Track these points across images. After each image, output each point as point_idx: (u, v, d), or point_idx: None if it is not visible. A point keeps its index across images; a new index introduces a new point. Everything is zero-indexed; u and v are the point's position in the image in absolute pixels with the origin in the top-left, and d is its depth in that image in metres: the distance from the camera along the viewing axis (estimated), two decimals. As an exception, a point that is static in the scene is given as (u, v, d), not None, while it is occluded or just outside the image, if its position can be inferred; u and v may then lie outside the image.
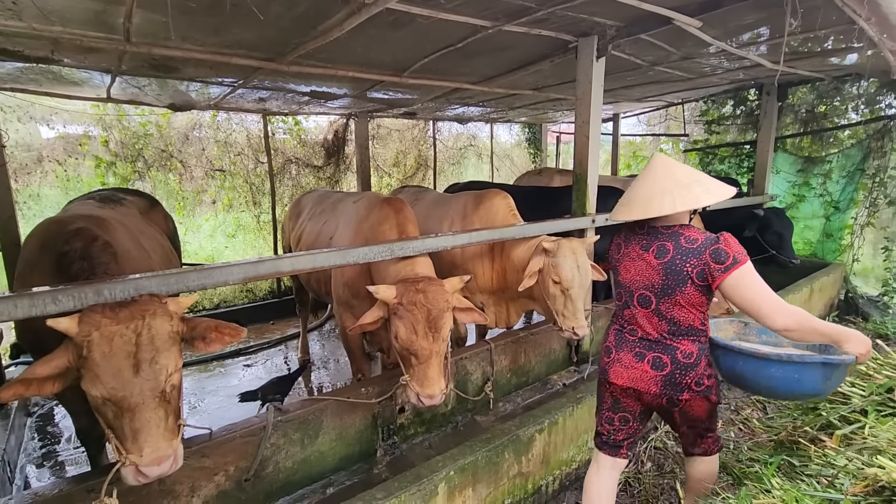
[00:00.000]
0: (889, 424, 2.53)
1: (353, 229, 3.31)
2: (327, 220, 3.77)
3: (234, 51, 3.40)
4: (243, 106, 5.78)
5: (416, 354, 2.41)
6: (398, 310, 2.43)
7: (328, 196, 4.30)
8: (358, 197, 3.74)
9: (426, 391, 2.39)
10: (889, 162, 5.62)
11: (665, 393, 2.11)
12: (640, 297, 2.15)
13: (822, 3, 2.82)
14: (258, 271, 2.32)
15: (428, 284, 2.49)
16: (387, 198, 3.36)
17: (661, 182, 2.07)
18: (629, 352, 2.18)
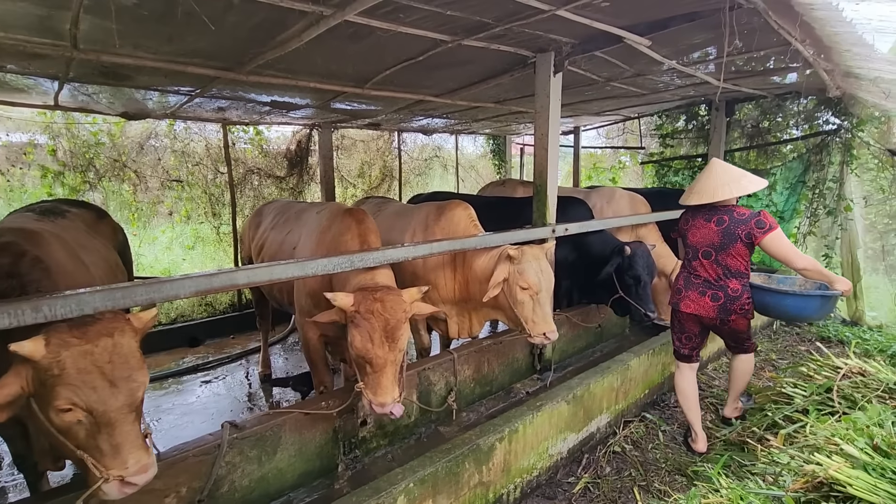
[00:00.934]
0: (828, 423, 2.68)
1: (315, 239, 3.30)
2: (291, 229, 3.74)
3: (189, 59, 3.33)
4: (202, 115, 5.65)
5: (371, 363, 2.41)
6: (355, 318, 2.43)
7: (291, 206, 4.24)
8: (321, 207, 3.71)
9: (378, 399, 2.40)
10: (827, 174, 6.00)
11: (719, 317, 3.16)
12: (704, 252, 3.20)
13: (759, 26, 3.00)
14: (212, 284, 2.25)
15: (386, 294, 2.49)
16: (349, 208, 3.36)
17: (720, 177, 3.18)
18: (695, 290, 3.24)
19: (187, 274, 2.23)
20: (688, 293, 3.26)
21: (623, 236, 5.09)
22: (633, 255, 4.09)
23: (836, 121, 5.94)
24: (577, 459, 3.24)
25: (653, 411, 3.89)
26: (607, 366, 3.53)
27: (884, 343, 4.95)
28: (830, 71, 4.14)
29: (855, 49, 3.39)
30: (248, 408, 4.35)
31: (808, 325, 5.82)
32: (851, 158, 5.84)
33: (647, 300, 4.17)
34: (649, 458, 3.25)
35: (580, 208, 4.68)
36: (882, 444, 2.24)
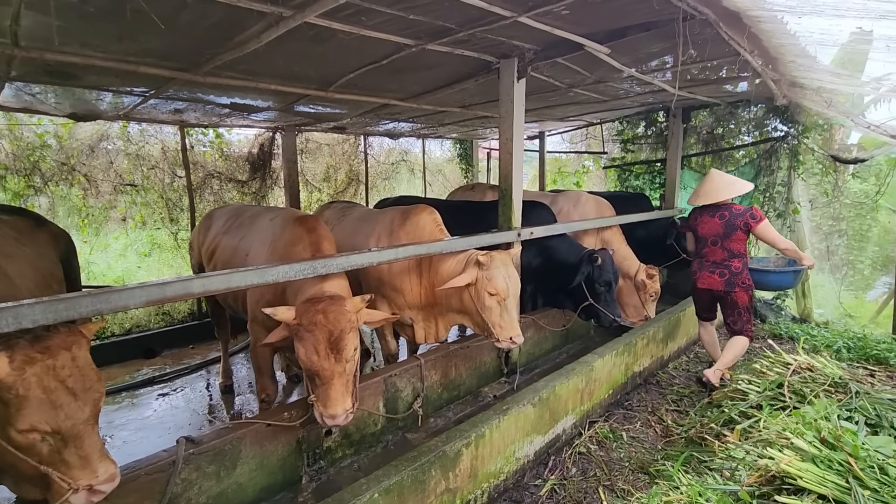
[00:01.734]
0: (779, 418, 2.79)
1: (268, 248, 3.19)
2: (244, 235, 3.60)
3: (141, 59, 3.20)
4: (157, 117, 5.43)
5: (319, 375, 2.37)
6: (298, 331, 2.38)
7: (245, 210, 4.05)
8: (274, 214, 3.57)
9: (329, 411, 2.37)
10: (776, 179, 6.30)
11: (725, 289, 4.01)
12: (713, 241, 4.06)
13: (712, 37, 3.11)
14: (165, 294, 2.16)
15: (329, 304, 2.43)
16: (301, 217, 3.25)
17: (718, 182, 4.09)
18: (706, 270, 4.11)
19: (138, 283, 2.13)
20: (702, 273, 4.15)
21: (588, 238, 5.20)
22: (604, 264, 4.20)
23: (784, 128, 6.25)
24: (543, 461, 3.27)
25: (617, 411, 3.97)
26: (572, 367, 3.57)
27: (830, 339, 5.22)
28: (777, 80, 4.35)
29: (799, 60, 3.57)
30: (208, 420, 4.19)
31: (761, 322, 6.08)
32: (798, 164, 6.15)
33: (614, 305, 4.33)
34: (614, 458, 3.30)
35: (542, 212, 4.74)
36: (829, 437, 2.35)
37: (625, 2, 2.68)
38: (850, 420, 2.72)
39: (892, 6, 2.00)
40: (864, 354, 4.92)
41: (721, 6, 2.59)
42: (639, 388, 4.39)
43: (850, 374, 3.55)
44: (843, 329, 5.71)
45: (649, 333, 4.47)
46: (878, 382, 4.03)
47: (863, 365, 4.74)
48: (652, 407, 4.02)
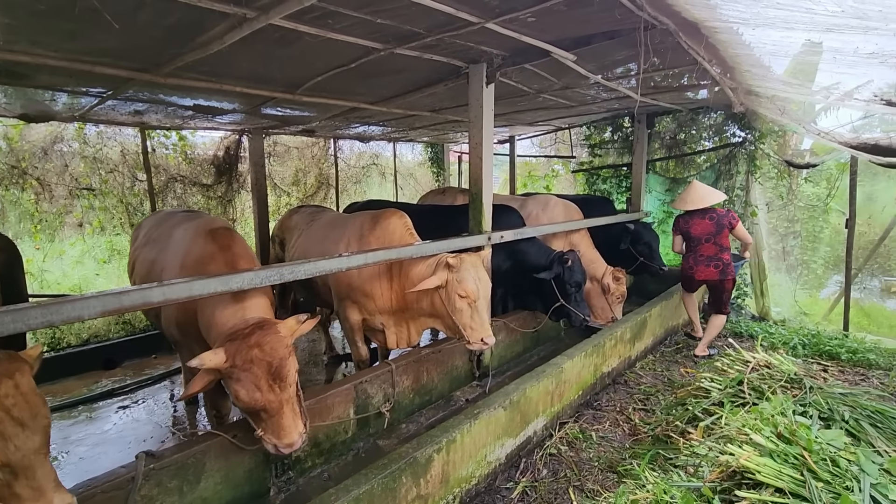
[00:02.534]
0: (739, 414, 2.89)
1: (178, 264, 2.83)
2: (162, 248, 3.22)
3: (97, 59, 3.08)
4: (116, 118, 5.23)
5: (266, 410, 2.22)
6: (233, 373, 2.16)
7: (168, 219, 3.64)
8: (189, 224, 3.19)
9: (285, 441, 2.25)
10: (735, 182, 6.55)
11: (720, 277, 4.85)
12: (706, 238, 4.86)
13: (672, 45, 3.21)
14: (122, 303, 2.07)
15: (261, 336, 2.22)
16: (213, 230, 2.89)
17: (702, 190, 4.93)
18: (702, 264, 4.91)
19: (93, 292, 2.03)
20: (698, 267, 4.93)
21: (557, 242, 5.27)
22: (573, 265, 4.29)
23: (742, 134, 6.51)
24: (515, 464, 3.29)
25: (587, 411, 4.03)
26: (542, 370, 3.61)
27: (786, 336, 5.44)
28: (734, 89, 4.53)
29: (754, 70, 3.73)
30: (171, 433, 4.04)
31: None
32: (755, 168, 6.41)
33: (583, 306, 4.46)
34: (583, 458, 3.35)
35: (512, 216, 4.79)
36: (785, 432, 2.44)
37: (589, 11, 2.74)
38: (804, 415, 2.84)
39: (837, 20, 2.11)
40: (818, 350, 5.15)
41: (680, 17, 2.68)
42: (607, 388, 4.47)
43: (805, 370, 3.70)
44: (798, 326, 5.97)
45: (617, 334, 4.56)
46: (830, 377, 4.23)
47: (816, 360, 4.97)
48: (620, 406, 4.10)
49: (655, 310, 5.27)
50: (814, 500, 2.06)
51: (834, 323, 6.41)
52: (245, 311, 2.46)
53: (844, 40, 2.55)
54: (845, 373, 4.71)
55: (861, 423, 2.77)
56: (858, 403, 2.97)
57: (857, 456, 2.27)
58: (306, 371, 5.09)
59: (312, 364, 5.26)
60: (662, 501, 2.30)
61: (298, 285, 4.47)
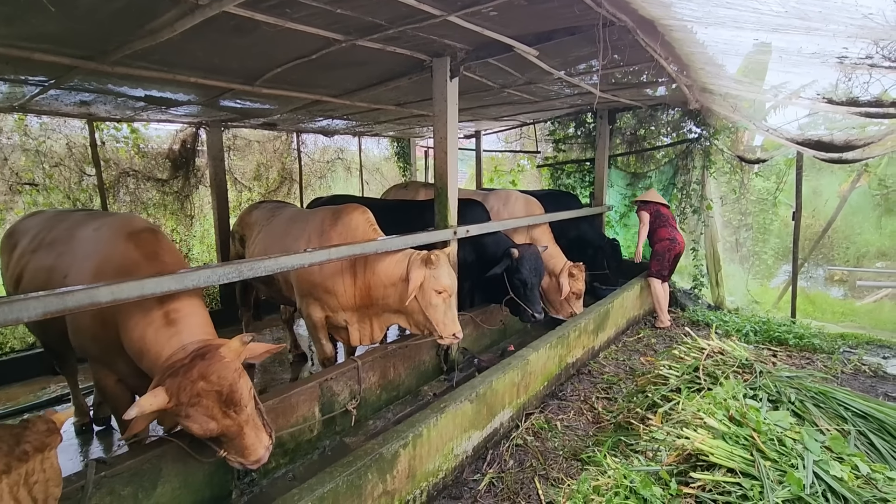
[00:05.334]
0: (695, 399, 3.00)
1: (90, 271, 2.51)
2: (62, 251, 2.79)
3: (36, 45, 2.89)
4: (60, 109, 4.94)
5: (226, 434, 2.11)
6: (180, 410, 2.00)
7: (62, 219, 3.16)
8: (101, 222, 2.80)
9: (251, 459, 2.17)
10: (692, 177, 6.78)
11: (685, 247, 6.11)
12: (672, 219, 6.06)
13: (631, 43, 3.28)
14: (66, 304, 1.96)
15: (205, 367, 2.03)
16: (134, 232, 2.59)
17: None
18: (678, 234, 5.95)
19: (35, 293, 1.92)
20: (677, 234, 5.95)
21: (518, 237, 5.33)
22: (521, 258, 4.27)
23: (697, 130, 6.74)
24: (482, 456, 3.32)
25: (552, 402, 4.11)
26: (508, 362, 3.65)
27: (739, 324, 5.69)
28: (690, 86, 4.68)
29: (707, 68, 3.86)
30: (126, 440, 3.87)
31: (681, 310, 6.53)
32: (710, 164, 6.66)
33: (534, 301, 4.37)
34: (549, 448, 3.42)
35: (476, 209, 4.81)
36: (736, 415, 2.56)
37: (549, 6, 2.76)
38: (755, 398, 2.98)
39: (781, 20, 2.21)
40: (768, 337, 5.42)
41: (637, 14, 2.74)
42: (572, 378, 4.57)
43: (756, 356, 3.89)
44: (750, 314, 6.26)
45: (581, 325, 4.66)
46: (779, 362, 4.46)
47: (767, 346, 5.23)
48: (584, 396, 4.20)
49: (617, 301, 5.42)
50: (762, 479, 2.17)
51: (783, 310, 6.76)
52: (181, 336, 2.24)
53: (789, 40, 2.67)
54: (793, 357, 4.98)
55: (805, 403, 2.93)
56: (803, 385, 3.14)
57: (802, 435, 2.40)
58: (271, 370, 4.98)
59: (278, 363, 5.15)
60: (622, 486, 2.37)
61: (260, 283, 4.36)
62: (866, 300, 8.82)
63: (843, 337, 5.59)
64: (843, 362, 4.84)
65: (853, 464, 2.31)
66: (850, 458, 2.35)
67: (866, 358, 4.96)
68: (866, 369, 4.69)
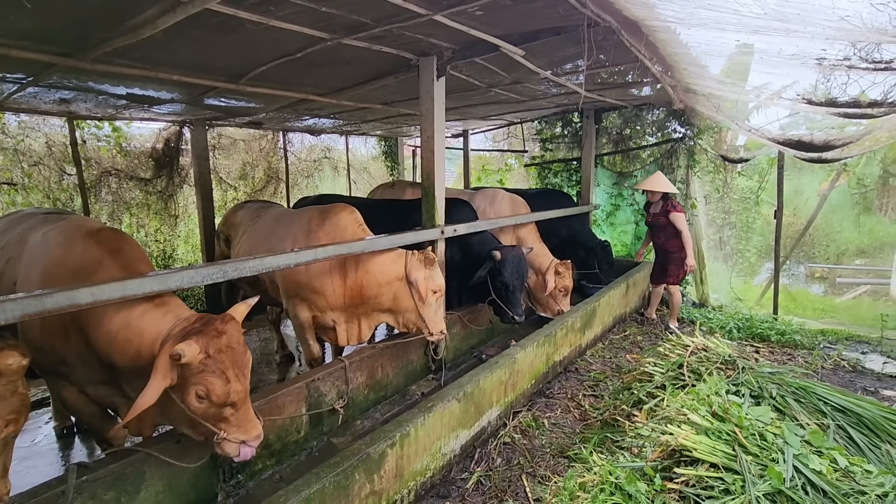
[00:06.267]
0: (679, 396, 3.04)
1: (41, 274, 2.36)
2: (10, 257, 2.64)
3: (13, 41, 2.83)
4: (39, 107, 4.84)
5: (235, 403, 2.13)
6: (207, 364, 2.05)
7: (15, 224, 2.94)
8: (51, 225, 2.65)
9: (254, 433, 2.19)
10: (677, 176, 6.86)
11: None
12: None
13: (616, 43, 3.31)
14: (45, 306, 1.93)
15: (223, 325, 2.12)
16: (93, 230, 2.50)
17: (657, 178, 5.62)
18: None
19: (13, 295, 1.88)
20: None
21: (505, 236, 5.35)
22: (503, 261, 4.26)
23: (682, 130, 6.83)
24: (470, 455, 3.33)
25: (539, 400, 4.14)
26: (496, 361, 3.66)
27: (723, 321, 5.79)
28: (674, 86, 4.73)
29: (691, 68, 3.91)
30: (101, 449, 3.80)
31: (667, 308, 6.62)
32: (694, 163, 6.75)
33: (515, 303, 4.36)
34: (536, 445, 3.44)
35: (463, 209, 4.81)
36: (719, 411, 2.60)
37: (534, 6, 2.78)
38: (737, 394, 3.03)
39: (761, 22, 2.25)
40: (751, 333, 5.51)
41: (621, 15, 2.76)
42: (559, 376, 4.60)
43: (739, 352, 3.95)
44: (734, 311, 6.36)
45: (568, 324, 4.69)
46: (761, 357, 4.54)
47: (750, 343, 5.32)
48: (571, 393, 4.23)
49: (604, 299, 5.46)
50: (744, 473, 2.21)
51: (765, 307, 6.88)
52: (175, 313, 2.27)
53: (770, 42, 2.71)
54: (775, 353, 5.07)
55: (786, 399, 2.99)
56: (784, 381, 3.20)
57: (782, 430, 2.45)
58: (259, 371, 4.94)
59: (265, 364, 5.10)
60: (608, 482, 2.40)
61: (246, 284, 4.32)
62: (846, 297, 9.02)
63: (823, 333, 5.71)
64: (823, 358, 4.94)
65: (832, 457, 2.36)
66: (829, 451, 2.40)
67: (846, 353, 5.07)
68: (845, 364, 4.80)
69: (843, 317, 7.40)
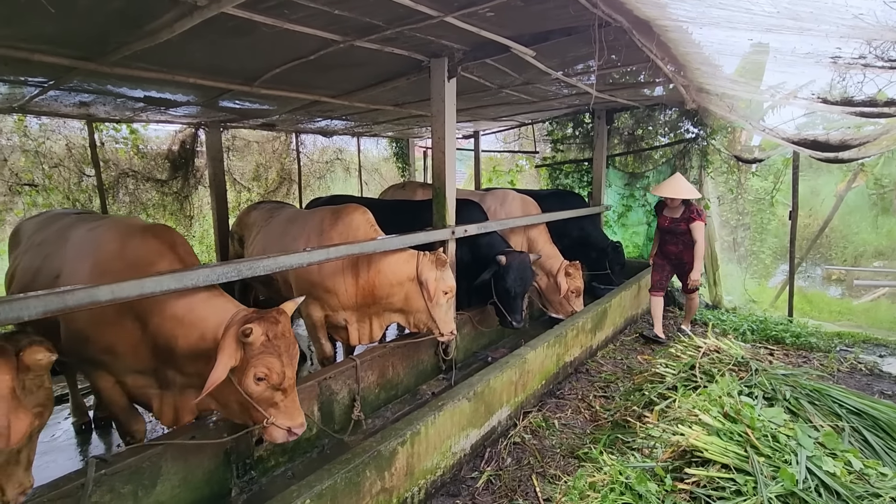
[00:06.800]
0: (691, 397, 3.02)
1: (92, 268, 2.51)
2: (49, 252, 2.79)
3: (35, 46, 2.91)
4: (59, 110, 4.96)
5: (285, 388, 2.29)
6: (267, 347, 2.24)
7: (54, 221, 3.17)
8: (97, 223, 2.83)
9: (298, 420, 2.33)
10: (689, 177, 6.80)
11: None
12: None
13: (627, 43, 3.30)
14: (66, 303, 1.98)
15: (279, 313, 2.34)
16: (149, 226, 2.73)
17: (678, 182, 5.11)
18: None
19: (35, 292, 1.94)
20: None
21: (515, 237, 5.35)
22: (508, 266, 4.26)
23: (695, 130, 6.78)
24: (480, 454, 3.34)
25: (550, 400, 4.13)
26: (506, 361, 3.67)
27: (736, 322, 5.72)
28: (686, 86, 4.70)
29: (703, 68, 3.88)
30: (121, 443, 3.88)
31: (679, 309, 6.56)
32: (707, 163, 6.69)
33: (516, 309, 4.37)
34: (546, 445, 3.44)
35: (473, 210, 4.82)
36: (730, 412, 2.58)
37: (545, 7, 2.79)
38: (750, 395, 3.00)
39: (774, 21, 2.23)
40: (765, 335, 5.45)
41: (633, 15, 2.76)
42: (570, 377, 4.59)
43: (752, 354, 3.91)
44: (748, 313, 6.29)
45: (579, 324, 4.68)
46: (775, 360, 4.48)
47: (764, 345, 5.25)
48: (582, 394, 4.22)
49: (615, 300, 5.44)
50: (755, 474, 2.19)
51: (780, 309, 6.79)
52: (232, 304, 2.48)
53: (783, 40, 2.69)
54: (789, 356, 5.01)
55: (800, 401, 2.96)
56: (798, 383, 3.17)
57: (795, 431, 2.42)
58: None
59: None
60: (618, 482, 2.39)
61: (259, 284, 4.38)
62: (863, 299, 8.86)
63: (839, 335, 5.62)
64: (839, 361, 4.86)
65: (846, 459, 2.33)
66: (844, 454, 2.37)
67: (862, 356, 4.99)
68: (862, 367, 4.72)
69: (860, 319, 7.27)
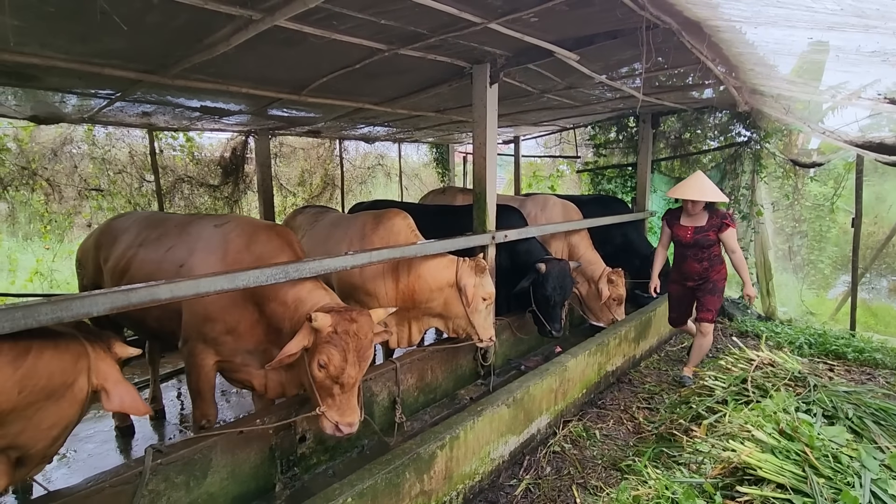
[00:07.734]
0: (742, 412, 2.88)
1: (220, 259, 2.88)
2: (172, 245, 3.13)
3: (106, 61, 3.13)
4: (124, 120, 5.31)
5: (343, 384, 2.39)
6: (332, 338, 2.37)
7: (167, 219, 3.51)
8: (221, 220, 3.22)
9: (347, 419, 2.40)
10: (741, 182, 6.52)
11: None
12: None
13: (676, 45, 3.21)
14: (130, 300, 2.11)
15: (358, 315, 2.47)
16: (272, 225, 3.11)
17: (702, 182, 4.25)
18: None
19: (102, 290, 2.07)
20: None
21: (556, 243, 5.28)
22: (547, 274, 4.18)
23: (747, 133, 6.49)
24: (518, 461, 3.30)
25: (591, 409, 4.04)
26: (546, 368, 3.62)
27: (792, 335, 5.42)
28: (739, 88, 4.52)
29: (757, 69, 3.73)
30: (179, 430, 4.09)
31: (728, 320, 6.28)
32: (760, 168, 6.39)
33: (554, 318, 4.26)
34: (587, 456, 3.36)
35: (513, 216, 4.79)
36: (787, 429, 2.44)
37: (590, 10, 2.76)
38: (808, 412, 2.83)
39: (837, 18, 2.12)
40: (825, 350, 5.13)
41: (682, 16, 2.69)
42: (612, 386, 4.47)
43: (811, 369, 3.69)
44: (805, 326, 5.94)
45: (621, 333, 4.56)
46: (836, 376, 4.21)
47: (823, 360, 4.95)
48: (624, 405, 4.10)
49: (660, 309, 5.27)
50: (815, 496, 2.06)
51: (841, 322, 6.37)
52: (329, 294, 2.75)
53: (846, 38, 2.55)
54: (851, 372, 4.69)
55: (864, 420, 2.76)
56: (862, 401, 2.96)
57: (859, 452, 2.27)
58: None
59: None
60: (664, 497, 2.31)
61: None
62: (936, 313, 8.19)
63: (909, 352, 5.22)
64: (908, 379, 4.52)
65: (918, 485, 2.16)
66: (915, 479, 2.20)
67: (936, 375, 4.61)
68: (935, 387, 4.36)
69: (932, 335, 6.71)
